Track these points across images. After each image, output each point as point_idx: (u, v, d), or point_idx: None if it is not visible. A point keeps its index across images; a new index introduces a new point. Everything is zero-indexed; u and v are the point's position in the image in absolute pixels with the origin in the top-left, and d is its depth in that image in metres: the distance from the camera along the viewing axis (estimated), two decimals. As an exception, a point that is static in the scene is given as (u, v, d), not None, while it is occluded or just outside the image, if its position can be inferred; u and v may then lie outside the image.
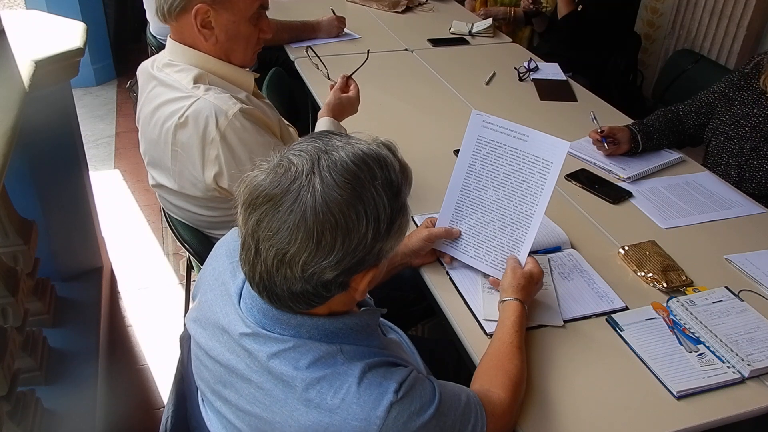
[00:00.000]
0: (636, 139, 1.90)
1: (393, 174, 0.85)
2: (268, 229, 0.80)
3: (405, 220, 0.88)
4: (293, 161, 0.81)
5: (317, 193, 0.79)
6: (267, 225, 0.80)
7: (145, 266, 2.69)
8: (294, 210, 0.79)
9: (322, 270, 0.81)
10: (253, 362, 0.87)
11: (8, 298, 1.58)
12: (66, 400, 1.81)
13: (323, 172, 0.80)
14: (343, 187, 0.80)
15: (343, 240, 0.80)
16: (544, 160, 1.32)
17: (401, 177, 0.87)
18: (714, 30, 3.49)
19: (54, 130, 2.03)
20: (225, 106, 1.36)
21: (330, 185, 0.79)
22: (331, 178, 0.80)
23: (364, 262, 0.84)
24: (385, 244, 0.85)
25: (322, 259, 0.80)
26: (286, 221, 0.79)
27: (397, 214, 0.85)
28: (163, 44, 1.52)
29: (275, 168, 0.82)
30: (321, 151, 0.82)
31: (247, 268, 0.86)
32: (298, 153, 0.83)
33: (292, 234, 0.79)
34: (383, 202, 0.82)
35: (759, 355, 1.21)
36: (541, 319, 1.31)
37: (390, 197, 0.84)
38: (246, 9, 1.43)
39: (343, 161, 0.81)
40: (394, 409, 0.82)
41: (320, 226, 0.79)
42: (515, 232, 1.36)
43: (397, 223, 0.86)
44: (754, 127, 1.86)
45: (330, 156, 0.82)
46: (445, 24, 3.06)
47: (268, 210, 0.80)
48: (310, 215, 0.78)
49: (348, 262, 0.82)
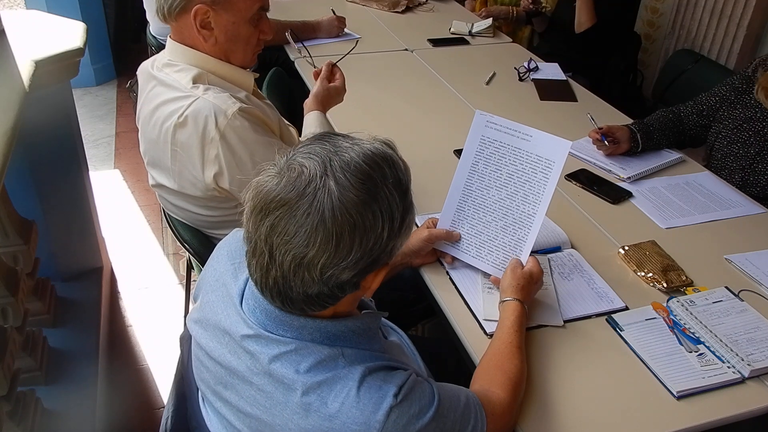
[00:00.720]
0: (636, 138, 1.90)
1: (400, 172, 0.86)
2: (284, 233, 0.80)
3: (413, 217, 0.89)
4: (305, 164, 0.81)
5: (334, 195, 0.79)
6: (283, 229, 0.80)
7: (145, 266, 2.69)
8: (311, 213, 0.78)
9: (341, 271, 0.81)
10: (255, 364, 0.87)
11: (8, 298, 1.58)
12: (66, 400, 1.81)
13: (337, 174, 0.80)
14: (359, 187, 0.80)
15: (360, 240, 0.80)
16: (546, 160, 1.32)
17: (407, 174, 0.88)
18: (714, 30, 3.48)
19: (54, 130, 2.03)
20: (224, 105, 1.36)
21: (346, 186, 0.79)
22: (346, 179, 0.80)
23: (379, 261, 0.85)
24: (397, 242, 0.86)
25: (341, 261, 0.80)
26: (303, 224, 0.79)
27: (407, 212, 0.86)
28: (163, 44, 1.52)
29: (286, 172, 0.81)
30: (331, 153, 0.82)
31: (259, 274, 0.85)
32: (307, 155, 0.82)
33: (311, 237, 0.79)
34: (395, 200, 0.83)
35: (759, 355, 1.21)
36: (541, 319, 1.31)
37: (401, 195, 0.84)
38: (246, 10, 1.42)
39: (356, 162, 0.82)
40: (393, 412, 0.82)
41: (339, 228, 0.79)
42: (517, 232, 1.36)
43: (407, 220, 0.87)
44: (758, 131, 1.85)
45: (341, 157, 0.82)
46: (445, 24, 3.06)
47: (282, 214, 0.80)
48: (328, 217, 0.78)
49: (365, 261, 0.82)
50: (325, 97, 1.67)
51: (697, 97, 2.03)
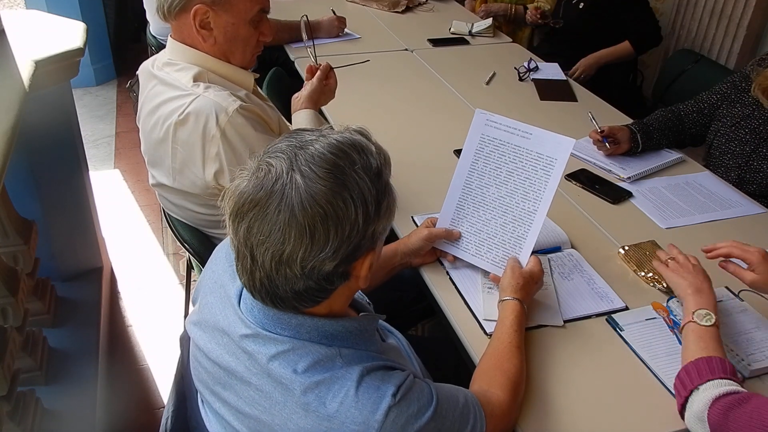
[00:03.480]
0: (636, 138, 1.90)
1: (371, 157, 0.85)
2: (260, 233, 0.80)
3: (392, 199, 0.88)
4: (271, 162, 0.82)
5: (301, 188, 0.79)
6: (258, 230, 0.81)
7: (145, 266, 2.69)
8: (282, 209, 0.79)
9: (321, 263, 0.81)
10: (253, 364, 0.87)
11: (8, 298, 1.58)
12: (66, 400, 1.81)
13: (302, 167, 0.80)
14: (325, 177, 0.80)
15: (336, 229, 0.80)
16: (548, 157, 1.32)
17: (379, 158, 0.87)
18: (714, 30, 3.48)
19: (54, 130, 2.03)
20: (225, 103, 1.36)
21: (312, 178, 0.80)
22: (312, 171, 0.80)
23: (361, 247, 0.84)
24: (377, 226, 0.86)
25: (319, 252, 0.81)
26: (276, 222, 0.79)
27: (382, 195, 0.85)
28: (163, 44, 1.53)
29: (255, 173, 0.82)
30: (296, 148, 0.83)
31: (246, 278, 0.86)
32: (274, 154, 0.83)
33: (285, 233, 0.79)
34: (366, 184, 0.83)
35: (759, 355, 1.21)
36: (541, 319, 1.31)
37: (372, 178, 0.84)
38: (246, 12, 1.42)
39: (320, 153, 0.82)
40: (392, 412, 0.82)
41: (311, 220, 0.79)
42: (517, 229, 1.36)
43: (385, 203, 0.86)
44: (755, 128, 1.86)
45: (306, 150, 0.82)
46: (445, 24, 3.06)
47: (256, 215, 0.81)
48: (298, 211, 0.79)
49: (345, 250, 0.82)
50: (321, 95, 1.67)
51: (698, 95, 2.04)
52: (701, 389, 1.03)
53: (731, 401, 0.99)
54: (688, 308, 1.19)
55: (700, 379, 1.04)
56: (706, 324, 1.14)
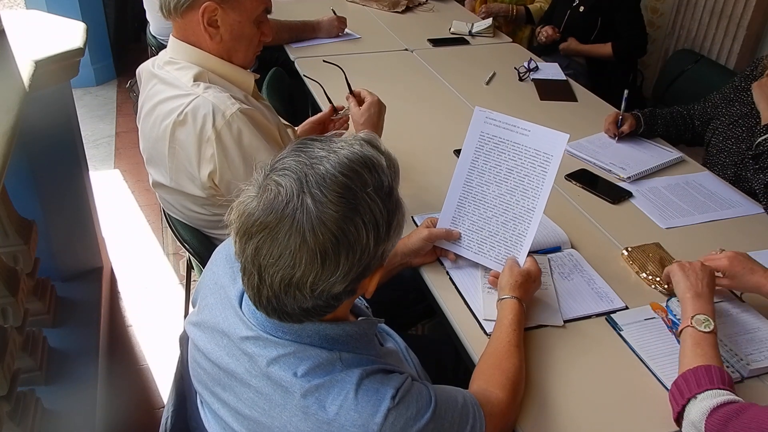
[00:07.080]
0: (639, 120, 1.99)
1: (383, 174, 0.84)
2: (269, 255, 0.79)
3: (401, 216, 0.87)
4: (280, 183, 0.80)
5: (312, 213, 0.77)
6: (268, 252, 0.79)
7: (145, 266, 2.69)
8: (292, 234, 0.78)
9: (332, 285, 0.81)
10: (253, 366, 0.87)
11: (8, 298, 1.58)
12: (66, 400, 1.81)
13: (313, 190, 0.78)
14: (337, 202, 0.78)
15: (347, 254, 0.80)
16: (544, 154, 1.33)
17: (391, 174, 0.86)
18: (714, 30, 3.48)
19: (54, 130, 2.03)
20: (223, 105, 1.36)
21: (323, 202, 0.78)
22: (323, 195, 0.78)
23: (370, 267, 0.84)
24: (387, 246, 0.85)
25: (329, 276, 0.80)
26: (287, 246, 0.78)
27: (393, 214, 0.85)
28: (163, 44, 1.53)
29: (263, 193, 0.80)
30: (306, 167, 0.80)
31: (252, 293, 0.85)
32: (282, 172, 0.81)
33: (295, 258, 0.78)
34: (378, 206, 0.82)
35: (758, 355, 1.21)
36: (541, 319, 1.31)
37: (384, 199, 0.83)
38: (252, 10, 1.44)
39: (332, 174, 0.80)
40: (391, 414, 0.83)
41: (322, 246, 0.78)
42: (518, 227, 1.37)
43: (395, 222, 0.86)
44: (751, 127, 1.87)
45: (316, 171, 0.80)
46: (445, 24, 3.06)
47: (265, 238, 0.79)
48: (309, 237, 0.77)
49: (355, 272, 0.82)
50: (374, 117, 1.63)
51: (707, 96, 2.09)
52: (699, 398, 1.03)
53: (729, 411, 0.99)
54: (686, 311, 1.19)
55: (698, 388, 1.04)
56: (705, 330, 1.14)
